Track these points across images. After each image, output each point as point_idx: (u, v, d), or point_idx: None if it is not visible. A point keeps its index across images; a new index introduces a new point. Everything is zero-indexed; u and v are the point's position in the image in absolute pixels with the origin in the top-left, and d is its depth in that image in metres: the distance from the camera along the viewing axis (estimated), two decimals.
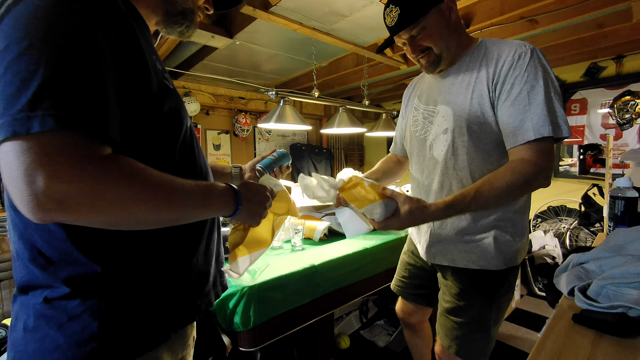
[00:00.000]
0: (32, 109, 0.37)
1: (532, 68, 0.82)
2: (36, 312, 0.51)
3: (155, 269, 0.57)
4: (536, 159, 0.80)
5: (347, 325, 2.05)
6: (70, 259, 0.50)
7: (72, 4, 0.41)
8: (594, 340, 0.59)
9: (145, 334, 0.56)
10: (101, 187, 0.41)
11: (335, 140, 4.93)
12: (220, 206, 0.59)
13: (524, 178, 0.79)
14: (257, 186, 0.68)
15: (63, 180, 0.38)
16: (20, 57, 0.38)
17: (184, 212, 0.51)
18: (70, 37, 0.40)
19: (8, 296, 2.10)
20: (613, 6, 1.80)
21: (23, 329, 0.51)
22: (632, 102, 2.57)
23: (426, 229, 1.06)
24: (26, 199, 0.38)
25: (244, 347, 1.11)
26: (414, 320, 1.29)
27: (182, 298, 0.62)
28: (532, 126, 0.80)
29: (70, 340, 0.50)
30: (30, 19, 0.39)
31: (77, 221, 0.42)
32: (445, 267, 1.03)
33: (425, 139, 1.02)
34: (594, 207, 2.40)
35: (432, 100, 1.01)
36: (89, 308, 0.50)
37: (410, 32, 0.91)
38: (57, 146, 0.38)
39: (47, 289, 0.51)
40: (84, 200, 0.40)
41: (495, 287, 0.97)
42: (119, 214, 0.44)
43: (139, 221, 0.47)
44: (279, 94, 1.93)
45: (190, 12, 0.65)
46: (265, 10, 1.78)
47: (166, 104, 0.56)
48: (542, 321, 2.23)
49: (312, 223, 1.64)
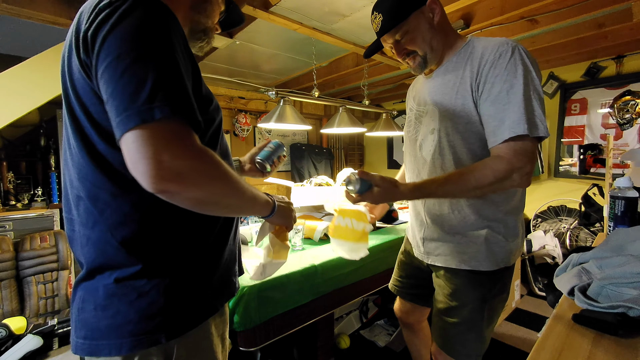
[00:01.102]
0: (151, 102, 0.47)
1: (512, 66, 0.82)
2: (107, 292, 0.58)
3: (204, 250, 0.67)
4: (510, 157, 0.81)
5: (347, 325, 2.05)
6: (141, 239, 0.59)
7: (159, 24, 0.52)
8: (594, 340, 0.59)
9: (199, 307, 0.65)
10: (204, 167, 0.52)
11: (335, 140, 4.93)
12: (264, 204, 0.72)
13: (494, 175, 0.81)
14: (285, 199, 0.82)
15: (181, 158, 0.48)
16: (133, 64, 0.48)
17: (243, 201, 0.61)
18: (163, 49, 0.51)
19: (8, 296, 2.10)
20: (613, 6, 1.80)
21: (93, 308, 0.58)
22: (632, 102, 2.57)
23: (420, 229, 1.08)
24: (153, 172, 0.47)
25: (244, 347, 1.11)
26: (412, 319, 1.30)
27: (223, 275, 0.72)
28: (509, 125, 0.81)
29: (140, 314, 0.57)
30: (135, 35, 0.50)
31: (182, 194, 0.50)
32: (439, 268, 1.04)
33: (416, 139, 1.04)
34: (594, 207, 2.40)
35: (423, 101, 1.03)
36: (155, 286, 0.59)
37: (394, 37, 0.95)
38: (175, 132, 0.49)
39: (117, 269, 0.58)
40: (193, 175, 0.50)
41: (487, 288, 0.97)
42: (210, 190, 0.53)
43: (216, 201, 0.56)
44: (279, 94, 1.93)
45: (209, 30, 0.77)
46: (265, 10, 1.78)
47: (212, 103, 0.68)
48: (542, 321, 2.23)
49: (312, 223, 1.64)
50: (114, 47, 0.49)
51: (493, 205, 0.94)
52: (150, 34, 0.51)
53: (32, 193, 2.58)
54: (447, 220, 0.98)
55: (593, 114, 2.89)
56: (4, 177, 2.45)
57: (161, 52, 0.51)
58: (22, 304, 2.15)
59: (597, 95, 2.85)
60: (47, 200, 2.60)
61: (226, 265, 0.74)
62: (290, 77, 3.48)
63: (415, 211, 1.11)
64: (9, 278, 2.12)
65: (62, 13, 1.67)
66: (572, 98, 3.00)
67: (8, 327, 1.77)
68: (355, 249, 1.26)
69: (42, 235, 2.31)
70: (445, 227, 0.99)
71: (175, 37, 0.53)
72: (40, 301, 2.19)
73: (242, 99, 3.96)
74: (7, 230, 2.29)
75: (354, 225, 1.30)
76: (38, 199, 2.55)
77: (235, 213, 0.66)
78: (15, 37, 2.22)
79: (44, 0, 1.62)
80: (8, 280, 2.11)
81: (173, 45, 0.52)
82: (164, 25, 0.52)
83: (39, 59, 2.02)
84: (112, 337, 0.57)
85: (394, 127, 2.64)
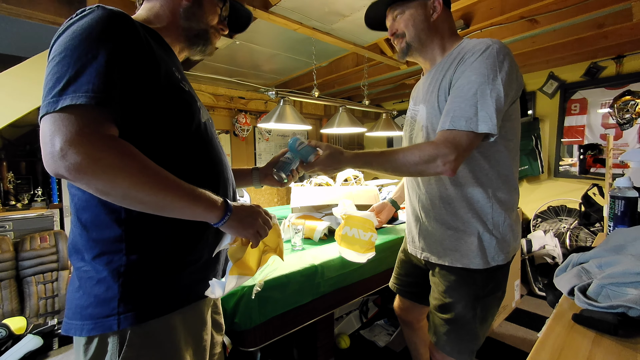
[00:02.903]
0: (60, 95, 0.52)
1: (479, 63, 0.85)
2: (77, 274, 0.63)
3: (169, 242, 0.66)
4: (439, 143, 0.85)
5: (347, 325, 2.05)
6: (100, 222, 0.61)
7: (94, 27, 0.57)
8: (594, 340, 0.59)
9: (161, 299, 0.65)
10: (102, 155, 0.52)
11: (335, 140, 4.92)
12: (209, 206, 0.64)
13: (419, 155, 0.86)
14: (251, 204, 0.75)
15: (76, 145, 0.50)
16: (57, 64, 0.54)
17: (166, 198, 0.58)
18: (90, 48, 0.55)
19: (8, 296, 2.10)
20: (613, 6, 1.80)
21: (71, 289, 0.64)
22: (632, 102, 2.57)
23: (416, 224, 1.10)
24: (48, 156, 0.51)
25: (243, 347, 1.11)
26: (411, 317, 1.31)
27: (197, 273, 0.71)
28: (451, 117, 0.85)
29: (98, 299, 0.60)
30: (67, 38, 0.56)
31: (79, 180, 0.52)
32: (434, 265, 1.06)
33: (411, 137, 1.09)
34: (594, 207, 2.40)
35: (418, 100, 1.08)
36: (113, 271, 0.61)
37: (394, 13, 1.01)
38: (76, 121, 0.52)
39: (84, 252, 0.62)
40: (88, 162, 0.51)
41: (480, 286, 0.98)
42: (108, 180, 0.53)
43: (124, 194, 0.55)
44: (279, 94, 1.93)
45: (204, 32, 0.80)
46: (265, 10, 1.78)
47: (178, 97, 0.68)
48: (542, 321, 2.23)
49: (312, 223, 1.64)
50: (52, 51, 0.57)
51: (482, 200, 0.95)
52: (81, 37, 0.55)
53: (32, 193, 2.58)
54: (439, 213, 1.01)
55: (593, 114, 2.89)
56: (4, 177, 2.45)
57: (86, 51, 0.54)
58: (22, 304, 2.15)
59: (597, 95, 2.85)
60: (47, 200, 2.60)
61: (204, 263, 0.72)
62: (290, 77, 3.48)
63: (411, 207, 1.13)
64: (9, 278, 2.12)
65: (62, 13, 1.67)
66: (572, 98, 3.00)
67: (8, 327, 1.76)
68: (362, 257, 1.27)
69: (42, 235, 2.31)
70: (439, 220, 1.01)
71: (115, 38, 0.57)
72: (40, 301, 2.19)
73: (242, 99, 3.96)
74: (7, 230, 2.29)
75: (360, 236, 1.30)
76: (38, 199, 2.55)
77: (162, 212, 0.59)
78: (15, 37, 2.22)
79: (44, 0, 1.62)
80: (8, 280, 2.11)
81: (105, 45, 0.56)
82: (100, 28, 0.57)
83: (39, 58, 2.02)
84: (78, 318, 0.61)
85: (394, 127, 2.64)
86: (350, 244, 1.23)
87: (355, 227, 1.22)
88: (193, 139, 0.70)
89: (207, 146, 0.74)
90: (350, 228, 1.16)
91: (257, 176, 1.03)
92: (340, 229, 1.16)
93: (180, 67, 0.78)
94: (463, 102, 0.84)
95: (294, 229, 1.47)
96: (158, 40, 0.71)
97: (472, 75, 0.85)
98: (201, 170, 0.72)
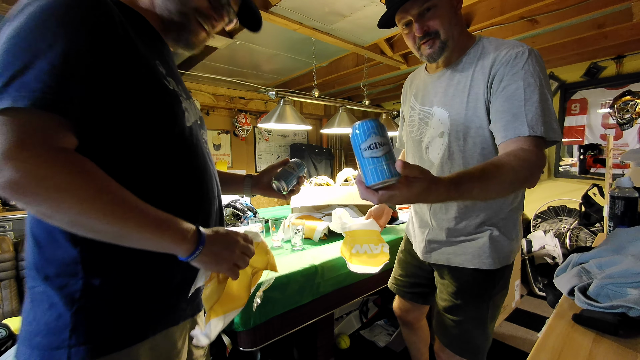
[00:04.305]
0: (1, 92, 0.42)
1: (530, 67, 0.80)
2: (31, 294, 0.54)
3: (132, 264, 0.56)
4: (536, 150, 0.74)
5: (347, 325, 2.05)
6: (53, 239, 0.52)
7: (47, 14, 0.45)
8: (594, 340, 0.59)
9: (120, 329, 0.55)
10: (43, 172, 0.42)
11: (335, 140, 4.93)
12: (176, 237, 0.53)
13: (529, 166, 0.70)
14: (227, 230, 0.62)
15: (11, 158, 0.41)
16: (5, 52, 0.43)
17: (124, 229, 0.48)
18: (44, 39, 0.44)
19: (8, 296, 2.10)
20: (613, 6, 1.80)
21: (25, 308, 0.55)
22: (632, 102, 2.56)
23: (423, 230, 1.07)
24: None
25: (244, 347, 1.11)
26: (411, 317, 1.31)
27: (164, 299, 0.61)
28: (527, 122, 0.75)
29: (48, 327, 0.52)
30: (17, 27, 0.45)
31: (16, 200, 0.43)
32: (442, 266, 1.04)
33: (421, 141, 1.01)
34: (594, 207, 2.40)
35: (428, 101, 0.99)
36: (65, 296, 0.52)
37: (421, 7, 0.83)
38: (12, 127, 0.42)
39: (36, 271, 0.53)
40: (26, 181, 0.41)
41: (491, 286, 0.98)
42: (51, 205, 0.43)
43: (71, 221, 0.45)
44: (279, 94, 1.93)
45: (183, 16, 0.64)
46: (266, 10, 1.78)
47: (158, 98, 0.58)
48: (542, 321, 2.23)
49: (312, 223, 1.64)
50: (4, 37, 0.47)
51: (498, 205, 0.94)
52: (38, 19, 0.45)
53: None
54: (453, 224, 0.98)
55: (593, 114, 2.89)
56: None
57: (41, 37, 0.44)
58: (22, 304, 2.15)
59: (597, 95, 2.85)
60: None
61: (176, 287, 0.63)
62: (290, 77, 3.48)
63: (420, 212, 1.09)
64: (9, 278, 2.12)
65: None
66: (572, 98, 3.00)
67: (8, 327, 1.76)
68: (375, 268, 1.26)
69: None
70: (451, 230, 0.99)
71: (80, 22, 0.47)
72: None
73: (242, 99, 3.96)
74: (7, 231, 2.29)
75: (372, 250, 1.27)
76: None
77: (120, 242, 0.49)
78: None
79: None
80: (8, 280, 2.11)
81: (66, 30, 0.45)
82: (63, 10, 0.46)
83: None
84: (27, 345, 0.53)
85: (394, 127, 2.64)
86: (363, 261, 1.22)
87: (366, 243, 1.20)
88: (174, 146, 0.60)
89: (191, 154, 0.64)
90: (360, 245, 1.13)
91: (249, 184, 0.96)
92: (349, 248, 1.12)
93: (170, 59, 0.67)
94: (531, 107, 0.76)
95: (294, 229, 1.47)
96: (142, 27, 0.61)
97: (529, 78, 0.78)
98: (181, 182, 0.62)
